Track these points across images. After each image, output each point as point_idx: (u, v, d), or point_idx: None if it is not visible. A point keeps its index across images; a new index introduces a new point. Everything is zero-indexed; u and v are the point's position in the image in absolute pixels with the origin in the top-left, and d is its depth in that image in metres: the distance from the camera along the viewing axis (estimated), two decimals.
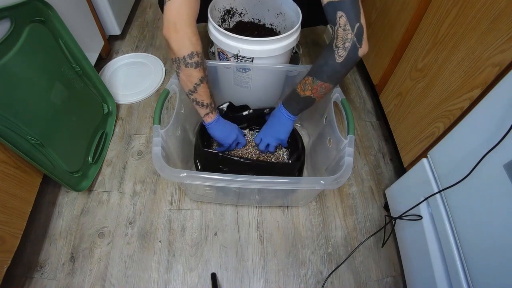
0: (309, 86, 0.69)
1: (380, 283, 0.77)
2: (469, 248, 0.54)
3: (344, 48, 0.62)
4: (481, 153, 0.50)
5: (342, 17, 0.61)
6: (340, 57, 0.63)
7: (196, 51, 0.64)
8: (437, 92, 0.68)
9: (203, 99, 0.70)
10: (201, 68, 0.66)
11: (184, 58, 0.64)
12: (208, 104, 0.71)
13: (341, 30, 0.61)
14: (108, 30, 1.19)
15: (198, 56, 0.65)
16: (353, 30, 0.61)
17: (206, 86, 0.69)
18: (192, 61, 0.65)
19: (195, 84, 0.68)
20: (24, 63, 0.67)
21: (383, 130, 1.06)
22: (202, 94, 0.69)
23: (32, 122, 0.69)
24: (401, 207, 0.75)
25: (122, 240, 0.80)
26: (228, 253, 0.80)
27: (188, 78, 0.68)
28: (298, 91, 0.71)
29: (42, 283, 0.74)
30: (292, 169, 0.80)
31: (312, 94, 0.70)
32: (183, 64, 0.65)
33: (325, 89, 0.69)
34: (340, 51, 0.63)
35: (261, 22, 0.99)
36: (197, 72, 0.66)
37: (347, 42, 0.62)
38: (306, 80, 0.69)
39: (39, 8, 0.72)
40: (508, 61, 0.50)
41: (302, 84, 0.70)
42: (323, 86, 0.68)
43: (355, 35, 0.61)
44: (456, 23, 0.62)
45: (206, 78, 0.68)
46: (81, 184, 0.85)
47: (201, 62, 0.66)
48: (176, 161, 0.77)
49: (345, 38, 0.61)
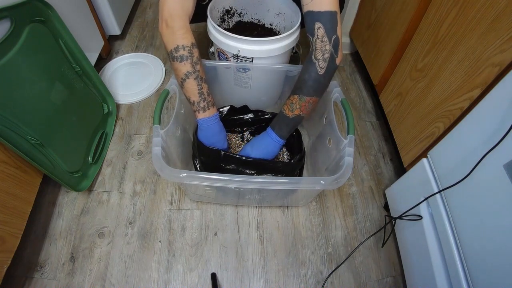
0: (296, 105, 0.69)
1: (380, 283, 0.77)
2: (469, 248, 0.54)
3: (324, 59, 0.65)
4: (481, 153, 0.50)
5: (320, 29, 0.63)
6: (322, 69, 0.65)
7: (182, 44, 0.65)
8: (437, 92, 0.68)
9: (189, 95, 0.69)
10: (187, 62, 0.66)
11: (171, 51, 0.66)
12: (194, 102, 0.69)
13: (319, 41, 0.64)
14: (108, 30, 1.19)
15: (185, 49, 0.65)
16: (330, 42, 0.63)
17: (194, 82, 0.67)
18: (178, 55, 0.65)
19: (181, 79, 0.67)
20: (24, 63, 0.67)
21: (383, 130, 1.06)
22: (188, 90, 0.68)
23: (32, 122, 0.69)
24: (401, 207, 0.75)
25: (122, 240, 0.80)
26: (228, 253, 0.80)
27: (175, 72, 0.69)
28: (286, 113, 0.71)
29: (42, 283, 0.74)
30: (293, 169, 0.80)
31: (301, 112, 0.70)
32: (171, 58, 0.66)
33: (313, 104, 0.70)
34: (320, 62, 0.65)
35: (260, 22, 0.99)
36: (182, 66, 0.66)
37: (326, 54, 0.64)
38: (293, 99, 0.69)
39: (39, 8, 0.72)
40: (508, 61, 0.50)
41: (288, 105, 0.71)
42: (311, 101, 0.69)
43: (332, 47, 0.63)
44: (456, 23, 0.62)
45: (195, 74, 0.67)
46: (81, 184, 0.85)
47: (188, 56, 0.66)
48: (176, 161, 0.77)
49: (323, 49, 0.64)
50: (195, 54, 0.67)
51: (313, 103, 0.70)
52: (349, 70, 1.24)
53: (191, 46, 0.66)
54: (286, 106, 0.71)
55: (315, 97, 0.69)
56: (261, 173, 0.75)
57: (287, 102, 0.71)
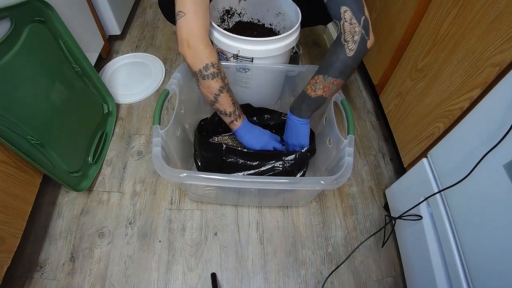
0: (320, 85, 0.68)
1: (380, 283, 0.77)
2: (469, 248, 0.54)
3: (354, 41, 0.62)
4: (481, 153, 0.50)
5: (347, 12, 0.61)
6: (351, 51, 0.63)
7: (211, 62, 0.66)
8: (437, 92, 0.68)
9: (225, 108, 0.71)
10: (218, 78, 0.68)
11: (200, 71, 0.66)
12: (231, 113, 0.72)
13: (347, 24, 0.62)
14: (108, 30, 1.19)
15: (214, 67, 0.66)
16: (359, 23, 0.61)
17: (226, 95, 0.70)
18: (208, 73, 0.66)
19: (215, 95, 0.69)
20: (24, 63, 0.67)
21: (383, 130, 1.06)
22: (223, 103, 0.70)
23: (32, 122, 0.69)
24: (401, 207, 0.75)
25: (122, 240, 0.80)
26: (228, 253, 0.80)
27: (207, 90, 0.69)
28: (308, 92, 0.70)
29: (42, 283, 0.74)
30: (298, 159, 0.75)
31: (324, 93, 0.69)
32: (200, 77, 0.67)
33: (337, 86, 0.68)
34: (350, 44, 0.63)
35: (260, 22, 0.99)
36: (215, 83, 0.68)
37: (356, 35, 0.62)
38: (317, 79, 0.68)
39: (39, 8, 0.72)
40: (508, 61, 0.50)
41: (312, 85, 0.69)
42: (335, 82, 0.67)
43: (362, 28, 0.61)
44: (456, 23, 0.62)
45: (226, 87, 0.70)
46: (81, 184, 0.85)
47: (217, 73, 0.67)
48: (176, 161, 0.77)
49: (353, 31, 0.62)
50: (221, 69, 0.69)
51: (337, 85, 0.68)
52: None
53: (218, 62, 0.68)
54: (309, 86, 0.70)
55: (340, 79, 0.67)
56: (265, 163, 0.74)
57: (311, 82, 0.69)
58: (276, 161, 0.74)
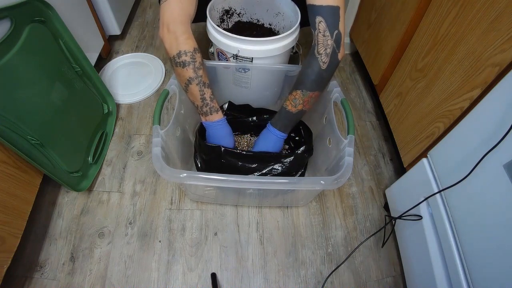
0: (299, 100, 0.69)
1: (380, 283, 0.77)
2: (469, 248, 0.54)
3: (327, 54, 0.64)
4: (481, 153, 0.49)
5: (322, 23, 0.63)
6: (324, 64, 0.65)
7: (184, 50, 0.65)
8: (437, 92, 0.68)
9: (193, 99, 0.70)
10: (189, 68, 0.66)
11: (174, 57, 0.66)
12: (198, 106, 0.70)
13: (321, 35, 0.64)
14: (108, 30, 1.19)
15: (187, 55, 0.65)
16: (332, 37, 0.63)
17: (196, 88, 0.68)
18: (180, 61, 0.65)
19: (185, 84, 0.68)
20: (24, 63, 0.67)
21: (383, 130, 1.06)
22: (191, 94, 0.69)
23: (32, 122, 0.69)
24: (401, 207, 0.75)
25: (122, 240, 0.80)
26: (228, 253, 0.80)
27: (178, 78, 0.69)
28: (289, 108, 0.71)
29: (42, 283, 0.74)
30: (297, 158, 0.75)
31: (304, 107, 0.70)
32: (174, 63, 0.67)
33: (315, 98, 0.70)
34: (323, 57, 0.65)
35: (259, 22, 0.99)
36: (185, 72, 0.66)
37: (328, 48, 0.64)
38: (295, 94, 0.69)
39: (39, 8, 0.72)
40: (508, 61, 0.50)
41: (291, 101, 0.70)
42: (313, 95, 0.69)
43: (334, 41, 0.63)
44: (456, 23, 0.62)
45: (197, 80, 0.67)
46: (81, 184, 0.85)
47: (190, 62, 0.65)
48: (176, 162, 0.77)
49: (325, 44, 0.64)
50: (197, 59, 0.67)
51: (315, 98, 0.70)
52: (349, 70, 1.24)
53: (193, 51, 0.66)
54: (288, 102, 0.71)
55: (317, 92, 0.69)
56: (264, 165, 0.74)
57: (289, 98, 0.71)
58: (275, 163, 0.74)
